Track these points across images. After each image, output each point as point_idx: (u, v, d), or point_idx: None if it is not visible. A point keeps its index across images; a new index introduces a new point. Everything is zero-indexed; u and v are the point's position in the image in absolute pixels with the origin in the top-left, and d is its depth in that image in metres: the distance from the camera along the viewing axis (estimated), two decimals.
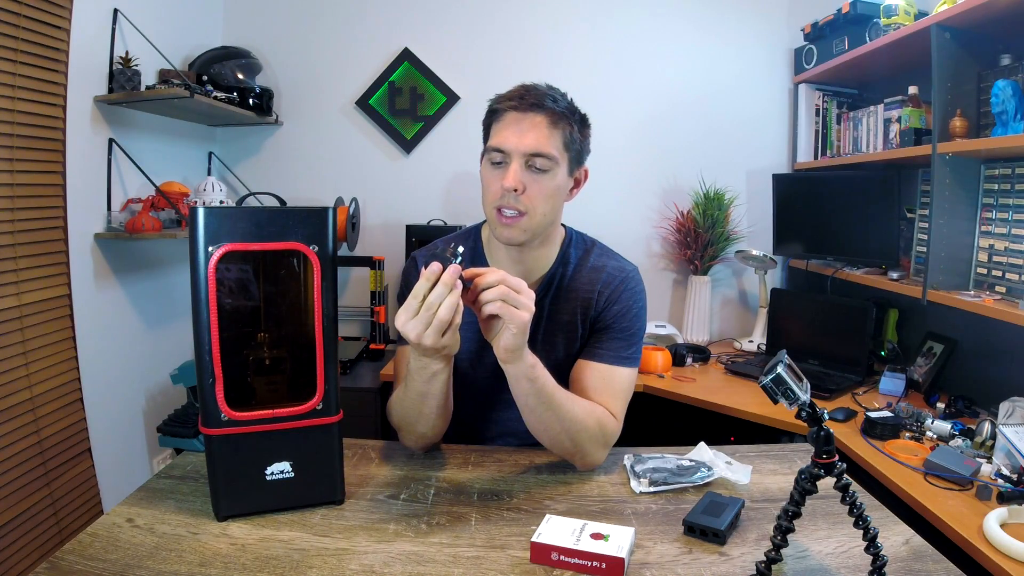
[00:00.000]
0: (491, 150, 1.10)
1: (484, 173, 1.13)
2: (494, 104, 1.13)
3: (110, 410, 2.03)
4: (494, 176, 1.10)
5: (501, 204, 1.09)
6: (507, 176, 1.07)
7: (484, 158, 1.13)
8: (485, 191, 1.13)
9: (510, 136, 1.08)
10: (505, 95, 1.12)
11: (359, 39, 2.68)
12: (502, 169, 1.09)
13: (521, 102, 1.09)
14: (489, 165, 1.11)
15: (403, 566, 0.82)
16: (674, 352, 2.28)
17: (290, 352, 0.99)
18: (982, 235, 1.71)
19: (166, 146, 2.37)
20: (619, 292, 1.19)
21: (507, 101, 1.11)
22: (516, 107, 1.09)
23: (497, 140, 1.09)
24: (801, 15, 2.51)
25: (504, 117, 1.10)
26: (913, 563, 0.83)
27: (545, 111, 1.09)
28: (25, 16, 1.65)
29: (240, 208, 0.89)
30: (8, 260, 1.66)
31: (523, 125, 1.08)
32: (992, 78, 1.60)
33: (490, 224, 1.15)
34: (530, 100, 1.09)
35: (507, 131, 1.09)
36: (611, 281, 1.20)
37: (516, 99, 1.10)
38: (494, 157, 1.10)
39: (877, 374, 2.00)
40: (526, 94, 1.10)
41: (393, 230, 2.67)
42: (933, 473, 1.36)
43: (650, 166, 2.67)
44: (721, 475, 1.05)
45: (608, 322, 1.18)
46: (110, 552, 0.83)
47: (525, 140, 1.07)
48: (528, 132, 1.08)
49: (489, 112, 1.14)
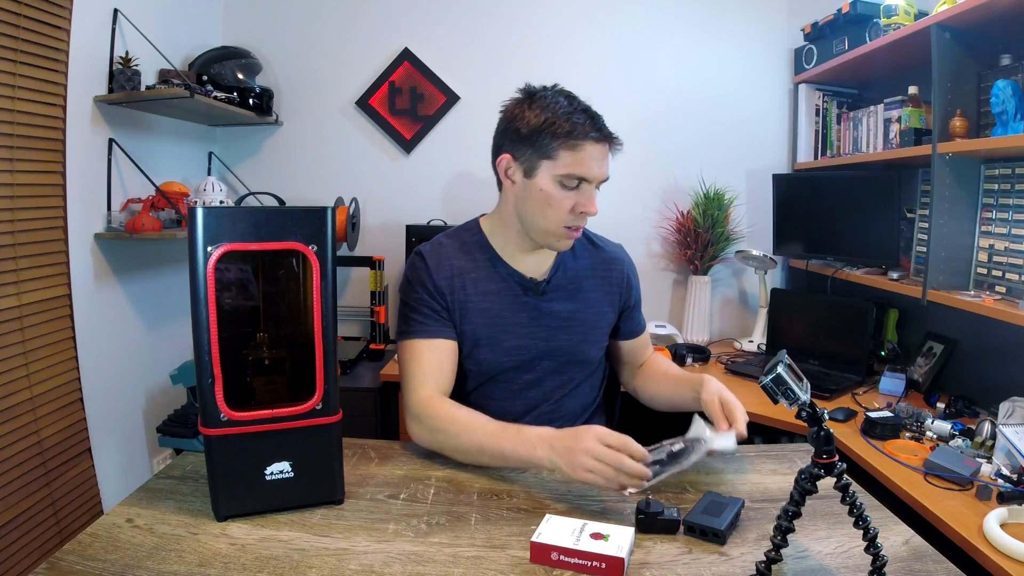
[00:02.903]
0: (571, 176, 1.17)
1: (552, 193, 1.19)
2: (567, 125, 1.15)
3: (110, 410, 2.03)
4: (567, 198, 1.18)
5: (573, 224, 1.21)
6: (591, 203, 1.19)
7: (549, 175, 1.18)
8: (552, 209, 1.19)
9: (594, 167, 1.18)
10: (579, 121, 1.16)
11: (359, 39, 2.68)
12: (576, 193, 1.18)
13: (599, 134, 1.18)
14: (560, 186, 1.18)
15: (403, 566, 0.82)
16: (674, 352, 2.28)
17: (289, 352, 0.99)
18: (982, 235, 1.71)
19: (166, 146, 2.37)
20: (630, 269, 1.40)
21: (585, 129, 1.16)
22: (597, 139, 1.17)
23: (582, 169, 1.17)
24: (801, 15, 2.50)
25: (584, 146, 1.16)
26: (913, 563, 0.83)
27: (609, 140, 1.20)
28: (25, 16, 1.64)
29: (239, 208, 0.89)
30: (8, 260, 1.66)
31: (604, 158, 1.20)
32: (992, 78, 1.60)
33: (546, 237, 1.23)
34: (604, 131, 1.19)
35: (591, 162, 1.17)
36: (622, 260, 1.40)
37: (592, 129, 1.17)
38: (571, 183, 1.18)
39: (877, 374, 2.00)
40: (598, 123, 1.19)
41: (393, 230, 2.67)
42: (933, 473, 1.36)
43: (650, 166, 2.67)
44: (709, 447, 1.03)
45: (635, 297, 1.40)
46: (110, 552, 0.84)
47: (604, 170, 1.20)
48: (604, 163, 1.20)
49: (558, 133, 1.15)
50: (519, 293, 1.27)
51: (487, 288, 1.26)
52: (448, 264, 1.26)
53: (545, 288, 1.28)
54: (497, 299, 1.26)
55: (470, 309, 1.24)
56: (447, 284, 1.24)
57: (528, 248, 1.28)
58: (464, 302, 1.24)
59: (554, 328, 1.27)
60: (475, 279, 1.26)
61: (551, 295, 1.29)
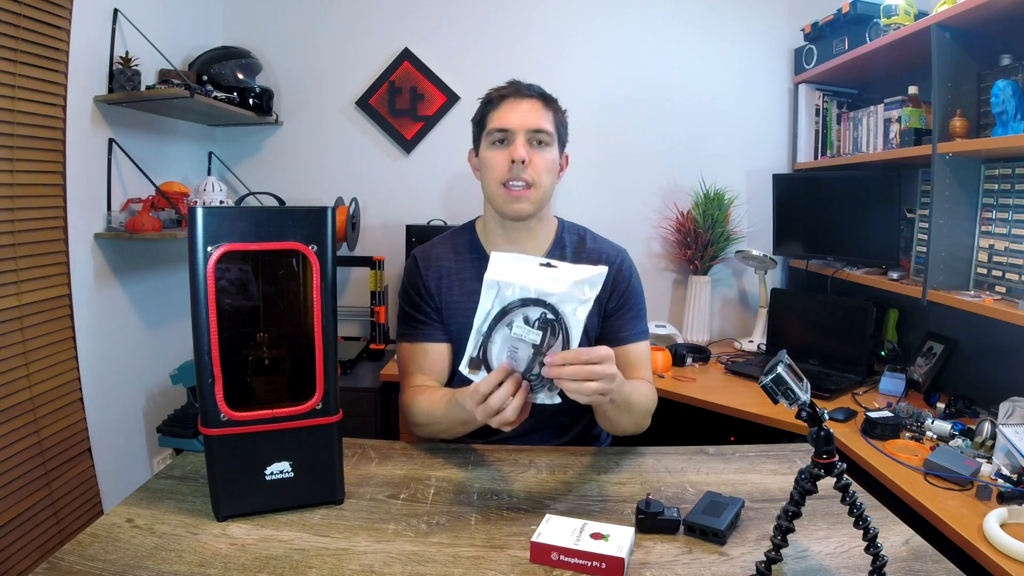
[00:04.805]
0: (493, 131, 1.22)
1: (485, 155, 1.24)
2: (489, 95, 1.27)
3: (110, 410, 2.03)
4: (497, 154, 1.22)
5: (508, 179, 1.20)
6: (515, 149, 1.19)
7: (483, 143, 1.25)
8: (488, 170, 1.23)
9: (512, 116, 1.21)
10: (497, 88, 1.26)
11: (359, 39, 2.68)
12: (505, 147, 1.21)
13: (515, 90, 1.23)
14: (490, 147, 1.23)
15: (403, 566, 0.82)
16: (674, 352, 2.28)
17: (289, 352, 0.99)
18: (982, 235, 1.71)
19: (166, 146, 2.37)
20: (623, 272, 1.32)
21: (502, 90, 1.24)
22: (512, 94, 1.23)
23: (499, 121, 1.21)
24: (801, 15, 2.50)
25: (502, 104, 1.23)
26: (913, 563, 0.83)
27: (537, 96, 1.24)
28: (25, 16, 1.64)
29: (239, 208, 0.89)
30: (8, 260, 1.66)
31: (523, 107, 1.22)
32: (992, 78, 1.60)
33: (496, 203, 1.25)
34: (523, 88, 1.24)
35: (509, 113, 1.21)
36: (612, 262, 1.31)
37: (510, 88, 1.24)
38: (496, 136, 1.22)
39: (877, 374, 2.00)
40: (518, 84, 1.25)
41: (393, 230, 2.67)
42: (933, 473, 1.36)
43: (650, 166, 2.67)
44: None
45: (621, 302, 1.30)
46: (110, 552, 0.83)
47: (527, 119, 1.21)
48: (528, 112, 1.21)
49: (484, 103, 1.26)
50: None
51: (473, 288, 1.28)
52: (436, 266, 1.31)
53: None
54: None
55: (456, 309, 1.28)
56: (435, 285, 1.29)
57: (512, 243, 1.28)
58: (451, 302, 1.28)
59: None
60: (461, 279, 1.29)
61: None
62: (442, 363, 1.28)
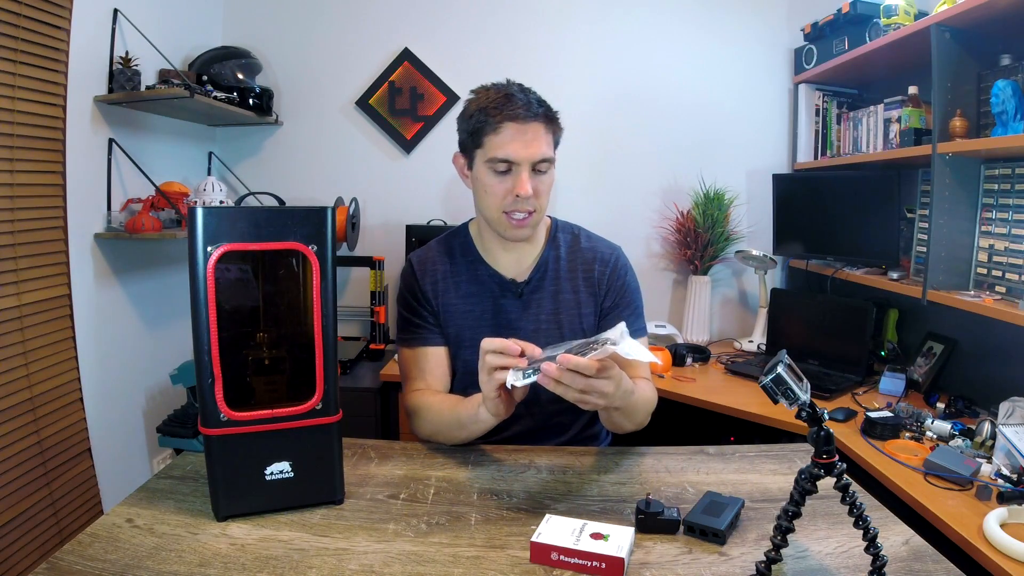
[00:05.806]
0: (496, 160, 1.16)
1: (485, 180, 1.19)
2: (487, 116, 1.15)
3: (110, 410, 2.03)
4: (499, 183, 1.18)
5: (512, 208, 1.18)
6: (521, 185, 1.15)
7: (481, 163, 1.19)
8: (488, 196, 1.20)
9: (517, 148, 1.15)
10: (494, 105, 1.15)
11: (359, 39, 2.68)
12: (509, 177, 1.17)
13: (517, 113, 1.14)
14: (491, 172, 1.18)
15: (403, 566, 0.82)
16: (674, 352, 2.28)
17: (289, 352, 0.99)
18: (982, 235, 1.71)
19: (166, 146, 2.37)
20: (618, 270, 1.31)
21: (502, 112, 1.14)
22: (514, 118, 1.14)
23: (502, 151, 1.15)
24: (801, 15, 2.50)
25: (503, 128, 1.15)
26: (913, 563, 0.83)
27: (540, 118, 1.17)
28: (25, 16, 1.64)
29: (239, 208, 0.89)
30: (8, 260, 1.66)
31: (527, 136, 1.15)
32: (992, 78, 1.60)
33: (496, 225, 1.23)
34: (526, 110, 1.15)
35: (513, 143, 1.15)
36: (608, 260, 1.31)
37: (510, 110, 1.14)
38: (499, 167, 1.16)
39: (877, 374, 2.00)
40: (519, 103, 1.15)
41: (393, 230, 2.67)
42: (933, 473, 1.36)
43: (650, 166, 2.67)
44: (615, 350, 0.91)
45: (617, 300, 1.30)
46: (110, 552, 0.83)
47: (531, 150, 1.15)
48: (532, 142, 1.15)
49: (480, 121, 1.17)
50: (498, 295, 1.29)
51: (468, 290, 1.29)
52: (432, 269, 1.31)
53: (523, 290, 1.29)
54: (477, 301, 1.29)
55: (452, 312, 1.28)
56: (431, 289, 1.30)
57: (505, 245, 1.28)
58: (446, 305, 1.29)
59: (532, 330, 1.27)
60: (456, 282, 1.30)
61: (529, 297, 1.29)
62: (442, 366, 1.29)
